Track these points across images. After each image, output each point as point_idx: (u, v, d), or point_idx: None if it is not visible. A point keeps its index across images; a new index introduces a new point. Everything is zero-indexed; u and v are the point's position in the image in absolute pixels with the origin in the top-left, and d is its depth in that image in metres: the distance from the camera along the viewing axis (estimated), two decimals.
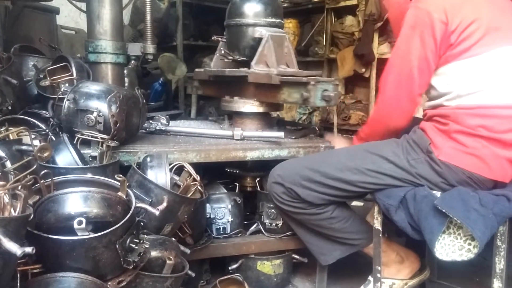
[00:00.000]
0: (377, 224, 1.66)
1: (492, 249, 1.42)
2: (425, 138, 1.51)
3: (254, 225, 1.95)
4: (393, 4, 2.01)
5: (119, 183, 1.12)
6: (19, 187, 0.92)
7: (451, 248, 1.38)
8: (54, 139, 1.55)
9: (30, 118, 1.60)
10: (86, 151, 1.49)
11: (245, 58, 2.02)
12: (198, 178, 1.48)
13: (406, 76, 1.53)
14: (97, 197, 1.02)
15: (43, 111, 1.75)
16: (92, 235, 0.96)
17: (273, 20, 1.97)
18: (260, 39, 1.91)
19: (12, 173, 1.06)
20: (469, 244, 1.37)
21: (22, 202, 0.89)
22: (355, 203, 2.27)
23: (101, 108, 1.49)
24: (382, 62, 3.50)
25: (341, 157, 1.64)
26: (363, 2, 3.48)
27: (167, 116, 2.00)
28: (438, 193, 1.48)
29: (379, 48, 3.58)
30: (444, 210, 1.36)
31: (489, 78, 1.45)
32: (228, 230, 1.86)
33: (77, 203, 1.01)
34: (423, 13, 1.48)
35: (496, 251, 1.42)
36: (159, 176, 1.34)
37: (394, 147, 1.57)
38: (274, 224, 1.88)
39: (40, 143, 1.49)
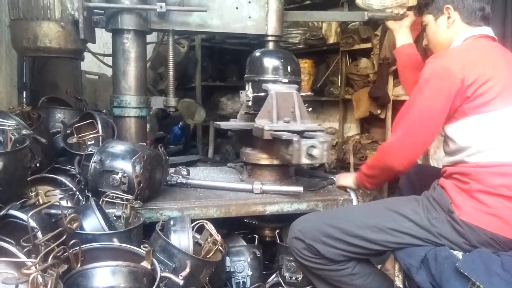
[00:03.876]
0: (399, 282, 1.64)
1: None
2: (446, 197, 1.52)
3: (273, 277, 1.95)
4: (402, 55, 2.07)
5: (144, 251, 1.15)
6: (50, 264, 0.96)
7: None
8: (80, 198, 1.60)
9: (57, 177, 1.66)
10: (111, 211, 1.53)
11: None
12: (219, 238, 1.50)
13: (415, 125, 1.57)
14: (124, 271, 1.05)
15: (70, 167, 1.81)
16: None
17: None
18: None
19: (43, 244, 1.10)
20: None
21: (54, 281, 0.92)
22: None
23: (125, 168, 1.54)
24: (397, 103, 3.51)
25: (360, 214, 1.64)
26: (377, 46, 3.53)
27: (188, 168, 2.05)
28: (459, 254, 1.47)
29: (394, 90, 3.59)
30: (466, 273, 1.35)
31: (509, 133, 1.47)
32: (248, 284, 1.86)
33: (105, 277, 1.04)
34: (439, 67, 1.52)
35: None
36: (182, 239, 1.36)
37: (415, 205, 1.57)
38: (294, 278, 1.88)
39: (67, 203, 1.55)
